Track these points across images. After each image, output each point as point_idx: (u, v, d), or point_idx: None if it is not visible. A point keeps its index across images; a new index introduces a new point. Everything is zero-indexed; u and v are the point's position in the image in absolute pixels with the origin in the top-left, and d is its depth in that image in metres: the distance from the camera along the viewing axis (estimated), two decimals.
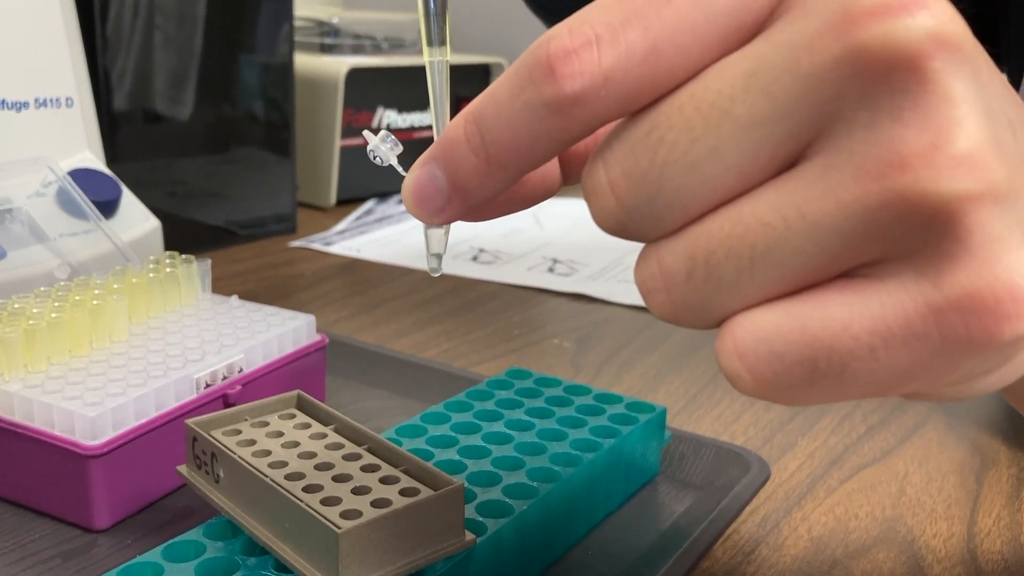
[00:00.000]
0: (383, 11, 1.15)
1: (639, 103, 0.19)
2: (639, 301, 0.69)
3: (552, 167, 0.26)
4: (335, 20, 1.01)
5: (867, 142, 0.17)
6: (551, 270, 0.78)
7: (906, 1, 0.17)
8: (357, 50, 1.03)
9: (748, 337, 0.18)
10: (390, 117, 1.01)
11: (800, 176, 0.18)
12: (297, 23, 0.90)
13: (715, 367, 0.57)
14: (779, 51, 0.17)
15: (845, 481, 0.44)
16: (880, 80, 0.17)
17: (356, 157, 0.97)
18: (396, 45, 1.06)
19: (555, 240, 0.89)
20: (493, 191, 0.21)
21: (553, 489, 0.34)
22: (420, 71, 1.03)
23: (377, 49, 1.05)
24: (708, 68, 0.18)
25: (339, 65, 0.93)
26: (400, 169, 0.24)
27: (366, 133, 0.27)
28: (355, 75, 0.94)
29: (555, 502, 0.34)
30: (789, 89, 0.17)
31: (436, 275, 0.26)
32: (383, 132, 0.27)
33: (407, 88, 1.02)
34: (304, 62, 0.95)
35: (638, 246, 0.20)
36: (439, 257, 0.26)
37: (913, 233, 0.17)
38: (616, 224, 0.19)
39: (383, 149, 0.26)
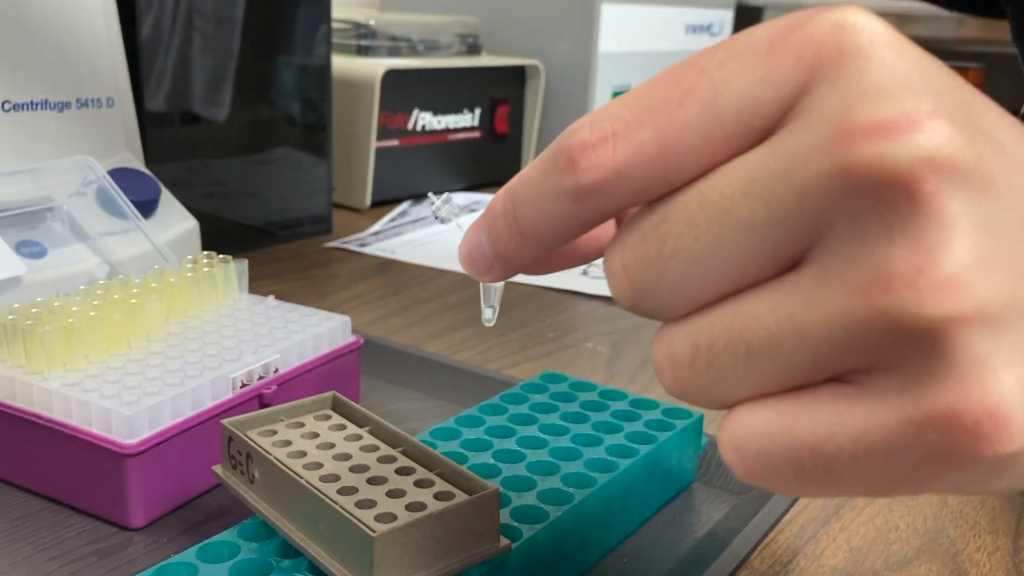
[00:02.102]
0: (419, 13, 1.15)
1: (652, 194, 0.20)
2: None
3: (608, 227, 0.27)
4: (372, 22, 1.02)
5: (857, 257, 0.17)
6: (585, 273, 0.77)
7: (901, 122, 0.17)
8: (393, 52, 1.03)
9: (743, 432, 0.19)
10: (425, 119, 1.01)
11: (795, 282, 0.18)
12: (334, 25, 0.91)
13: None
14: (778, 160, 0.18)
15: None
16: (871, 198, 0.17)
17: (391, 159, 0.98)
18: (432, 47, 1.06)
19: None
20: (530, 258, 0.22)
21: (588, 495, 0.34)
22: (455, 73, 1.03)
23: (413, 51, 1.05)
24: (718, 168, 0.19)
25: (375, 67, 0.94)
26: (462, 231, 0.26)
27: (431, 195, 0.29)
28: (391, 77, 0.95)
29: (590, 508, 0.34)
30: (784, 198, 0.18)
31: (489, 325, 0.28)
32: (446, 195, 0.29)
33: (442, 90, 1.02)
34: (341, 64, 0.95)
35: None
36: (494, 309, 0.28)
37: (897, 349, 0.17)
38: (629, 303, 0.20)
39: (444, 211, 0.29)
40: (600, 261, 0.22)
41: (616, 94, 1.18)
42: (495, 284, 0.27)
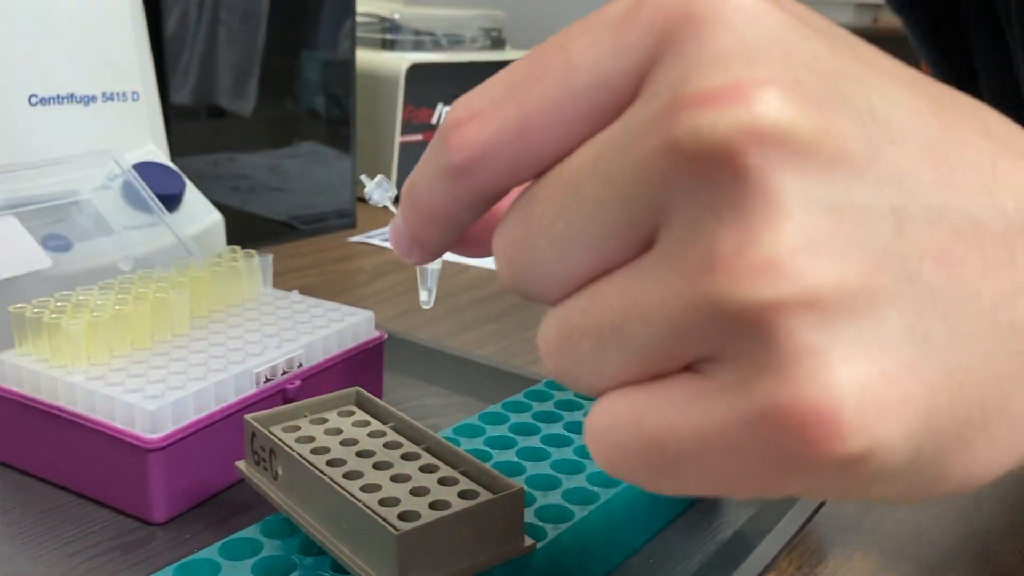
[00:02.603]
0: (444, 7, 1.15)
1: (523, 174, 0.19)
2: None
3: None
4: (396, 16, 1.02)
5: (690, 239, 0.16)
6: None
7: (728, 91, 0.16)
8: (418, 46, 1.03)
9: (600, 422, 0.18)
10: None
11: (640, 265, 0.17)
12: (359, 19, 0.90)
13: None
14: (620, 136, 0.17)
15: None
16: (699, 175, 0.16)
17: (415, 153, 0.97)
18: (456, 41, 1.06)
19: None
20: (437, 240, 0.22)
21: (614, 495, 0.33)
22: (480, 67, 1.03)
23: (437, 45, 1.04)
24: (580, 146, 0.18)
25: (400, 61, 0.93)
26: (394, 211, 0.25)
27: (363, 178, 0.28)
28: (415, 71, 0.94)
29: (616, 508, 0.33)
30: (624, 175, 0.17)
31: (426, 307, 0.28)
32: (379, 177, 0.27)
33: (467, 84, 1.01)
34: (365, 58, 0.95)
35: None
36: (430, 292, 0.27)
37: (728, 338, 0.16)
38: (509, 284, 0.20)
39: (376, 195, 0.28)
40: None
41: None
42: (429, 266, 0.27)
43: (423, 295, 0.27)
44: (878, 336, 0.16)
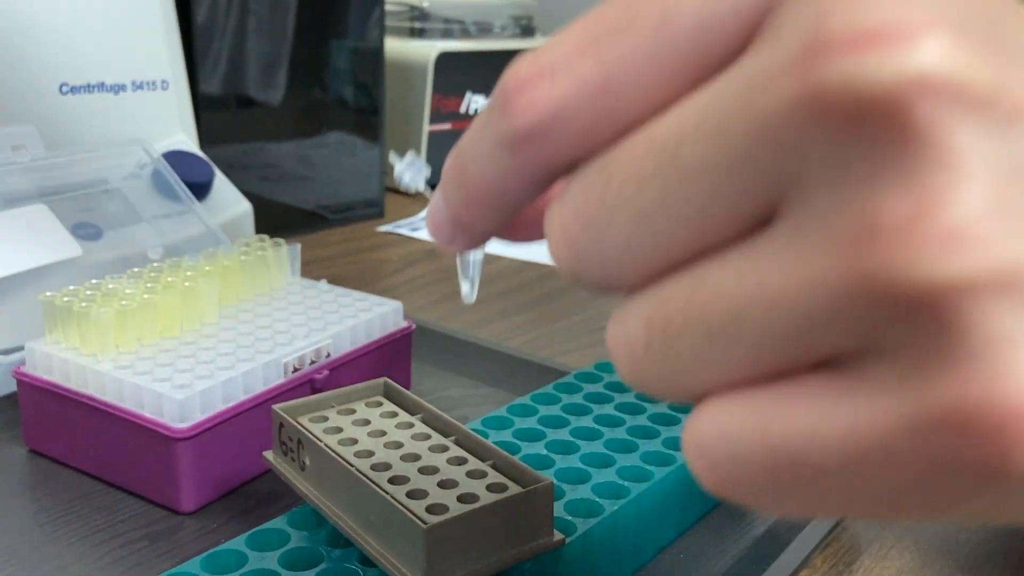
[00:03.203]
0: None
1: (600, 139, 0.16)
2: None
3: None
4: (425, 4, 1.01)
5: (837, 207, 0.13)
6: None
7: (887, 31, 0.13)
8: (446, 34, 1.02)
9: (709, 431, 0.15)
10: (478, 102, 1.00)
11: (767, 242, 0.14)
12: (387, 7, 0.90)
13: None
14: (736, 89, 0.14)
15: None
16: (850, 130, 0.13)
17: (444, 142, 0.97)
18: (485, 29, 1.05)
19: None
20: (488, 224, 0.19)
21: (645, 489, 0.33)
22: (509, 56, 1.02)
23: (466, 33, 1.04)
24: (675, 105, 0.16)
25: (428, 49, 0.93)
26: (429, 194, 0.23)
27: (392, 156, 0.25)
28: (444, 60, 0.94)
29: (647, 503, 0.33)
30: (741, 135, 0.14)
31: (468, 302, 0.24)
32: (410, 155, 0.25)
33: (496, 73, 1.00)
34: (394, 46, 0.94)
35: None
36: (472, 283, 0.24)
37: (893, 325, 0.13)
38: (569, 269, 0.17)
39: (407, 176, 0.24)
40: None
41: None
42: (471, 254, 0.24)
43: (464, 287, 0.25)
44: None
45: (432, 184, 0.23)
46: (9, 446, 0.41)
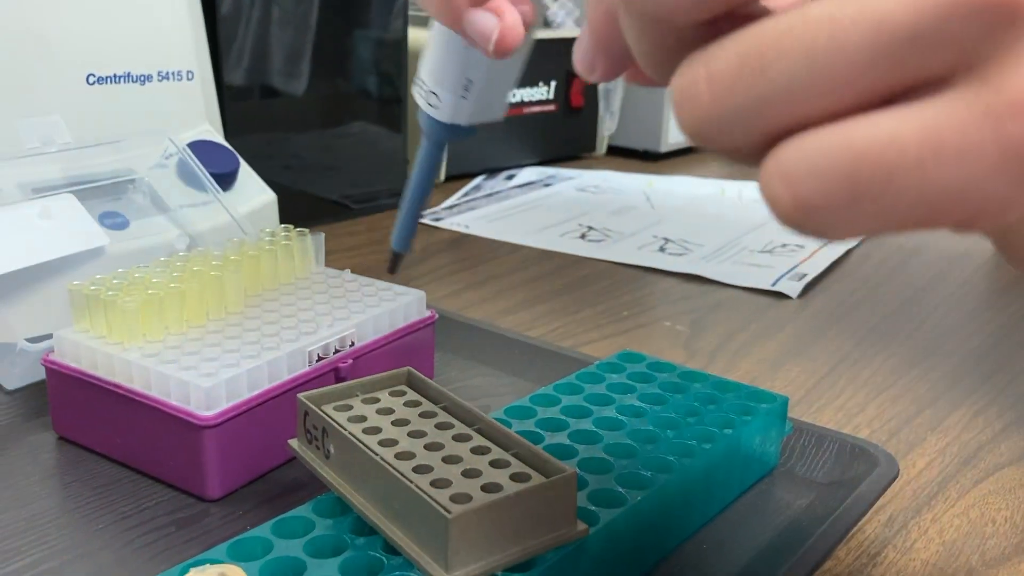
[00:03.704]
0: None
1: None
2: (757, 283, 0.66)
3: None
4: None
5: None
6: (662, 249, 0.76)
7: None
8: None
9: (793, 156, 0.16)
10: None
11: None
12: None
13: (838, 354, 0.55)
14: None
15: (980, 482, 0.41)
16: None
17: None
18: None
19: (667, 218, 0.86)
20: (623, 49, 0.20)
21: (668, 480, 0.33)
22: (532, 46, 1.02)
23: None
24: None
25: None
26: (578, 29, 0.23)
27: None
28: None
29: (670, 493, 0.33)
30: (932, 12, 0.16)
31: (609, 132, 0.24)
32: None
33: None
34: (417, 36, 0.94)
35: (754, 228, 0.18)
36: (613, 115, 0.24)
37: (984, 36, 0.15)
38: (701, 118, 0.18)
39: (559, 16, 0.25)
40: (678, 236, 0.19)
41: None
42: (611, 86, 0.25)
43: (608, 120, 0.25)
44: None
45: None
46: (39, 433, 0.41)
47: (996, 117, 0.15)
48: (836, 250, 0.76)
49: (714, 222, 0.85)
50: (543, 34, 1.03)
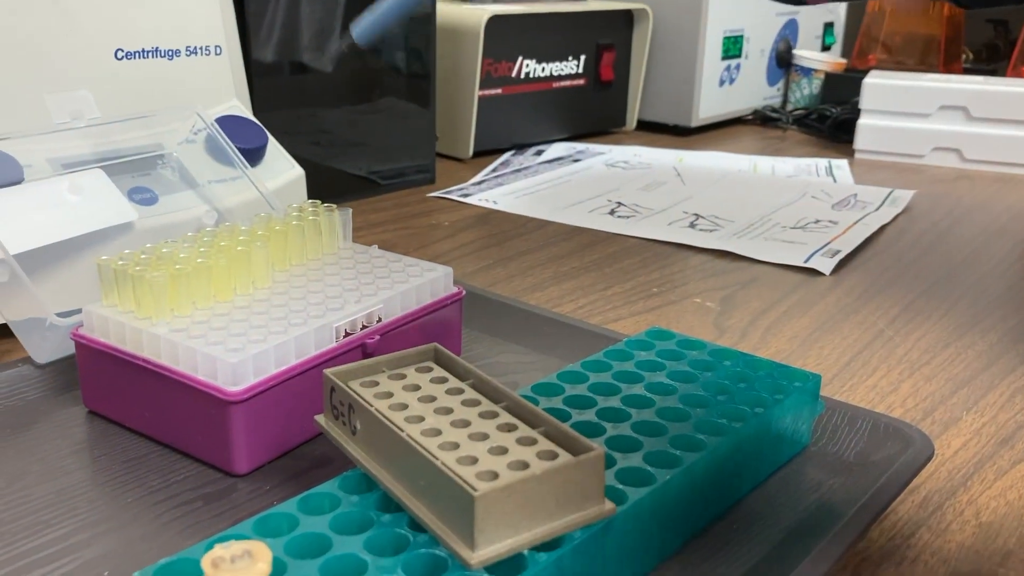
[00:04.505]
0: None
1: None
2: (790, 260, 0.66)
3: None
4: None
5: None
6: (693, 225, 0.75)
7: None
8: None
9: None
10: (529, 66, 0.99)
11: None
12: None
13: (872, 332, 0.54)
14: None
15: (1018, 463, 0.40)
16: None
17: (494, 107, 0.96)
18: None
19: (697, 193, 0.85)
20: None
21: (697, 459, 0.32)
22: (561, 19, 1.01)
23: None
24: None
25: (480, 13, 0.92)
26: None
27: None
28: (495, 23, 0.93)
29: (700, 473, 0.32)
30: None
31: None
32: None
33: (547, 36, 1.00)
34: (445, 11, 0.94)
35: (786, 204, 0.17)
36: None
37: None
38: None
39: None
40: (709, 212, 0.17)
41: (727, 40, 1.13)
42: None
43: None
44: None
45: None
46: (69, 407, 0.42)
47: None
48: (870, 226, 0.75)
49: (746, 198, 0.84)
50: (573, 7, 1.02)
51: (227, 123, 0.57)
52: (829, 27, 1.35)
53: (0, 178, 0.46)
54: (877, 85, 1.03)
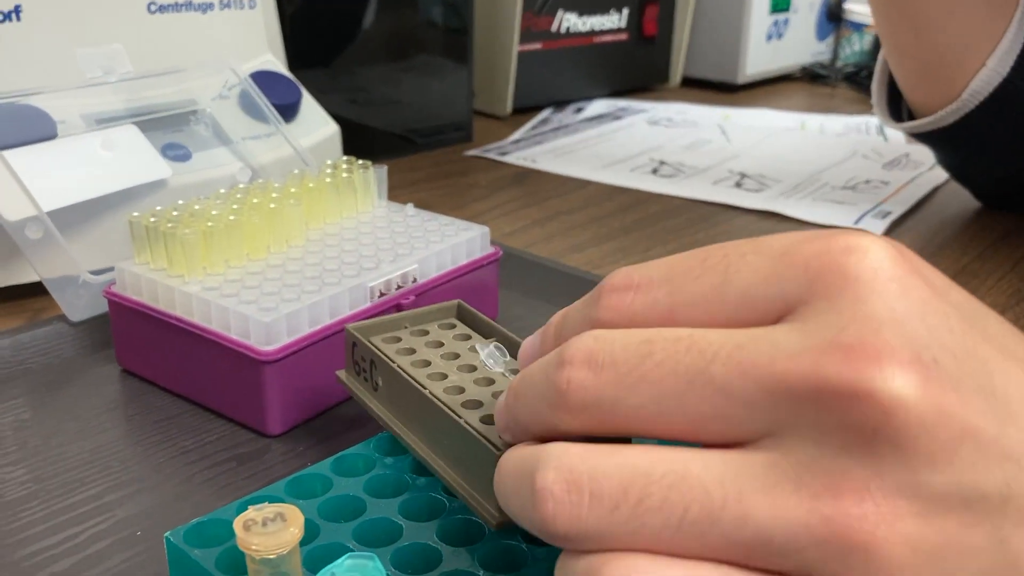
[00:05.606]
0: None
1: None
2: (839, 221, 0.63)
3: None
4: None
5: (813, 463, 0.18)
6: (738, 185, 0.73)
7: (877, 352, 0.18)
8: None
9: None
10: (570, 20, 0.97)
11: (751, 462, 0.18)
12: None
13: None
14: (766, 344, 0.19)
15: None
16: (834, 412, 0.18)
17: (534, 63, 0.94)
18: None
19: (743, 152, 0.83)
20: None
21: None
22: None
23: None
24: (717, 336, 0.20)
25: None
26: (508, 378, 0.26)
27: (478, 346, 0.28)
28: None
29: None
30: (761, 379, 0.18)
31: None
32: (492, 346, 0.28)
33: None
34: None
35: (836, 163, 0.19)
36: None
37: (834, 560, 0.17)
38: (578, 404, 0.20)
39: (490, 363, 0.28)
40: (755, 172, 0.20)
41: None
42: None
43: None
44: None
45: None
46: (103, 365, 0.41)
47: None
48: (922, 187, 0.72)
49: (793, 157, 0.81)
50: None
51: (261, 78, 0.56)
52: None
53: (33, 134, 0.45)
54: None
